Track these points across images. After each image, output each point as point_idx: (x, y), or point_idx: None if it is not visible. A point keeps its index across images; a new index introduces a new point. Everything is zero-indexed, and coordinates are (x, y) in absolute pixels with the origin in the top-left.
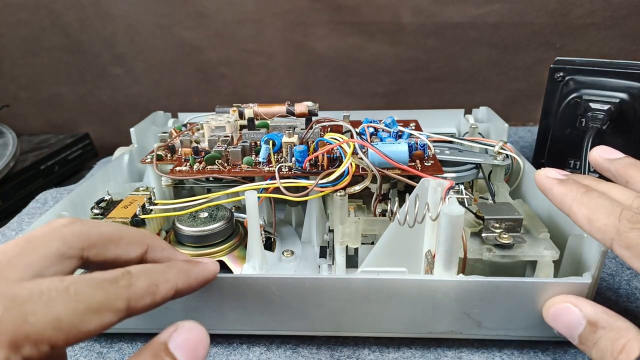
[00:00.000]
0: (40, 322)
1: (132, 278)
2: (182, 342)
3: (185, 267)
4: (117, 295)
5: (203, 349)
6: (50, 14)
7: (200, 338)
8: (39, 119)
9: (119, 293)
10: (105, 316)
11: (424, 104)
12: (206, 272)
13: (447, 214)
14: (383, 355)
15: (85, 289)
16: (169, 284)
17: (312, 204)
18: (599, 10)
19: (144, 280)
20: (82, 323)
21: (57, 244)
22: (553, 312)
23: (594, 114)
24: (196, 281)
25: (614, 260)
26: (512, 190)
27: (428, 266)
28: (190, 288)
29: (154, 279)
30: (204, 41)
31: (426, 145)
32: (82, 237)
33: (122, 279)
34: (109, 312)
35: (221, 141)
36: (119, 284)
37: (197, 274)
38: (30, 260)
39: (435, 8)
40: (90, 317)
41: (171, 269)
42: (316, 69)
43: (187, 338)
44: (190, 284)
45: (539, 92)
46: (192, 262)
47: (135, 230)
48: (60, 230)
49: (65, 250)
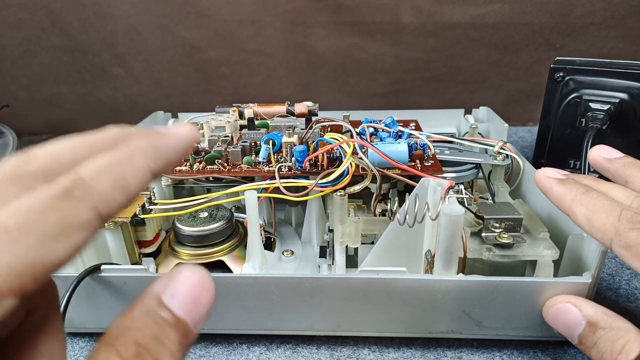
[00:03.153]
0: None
1: (88, 182)
2: (179, 292)
3: (152, 142)
4: (76, 208)
5: (207, 297)
6: (50, 14)
7: (201, 283)
8: (39, 119)
9: (77, 206)
10: (73, 236)
11: (424, 104)
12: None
13: (447, 213)
14: (383, 355)
15: (31, 217)
16: (139, 168)
17: (312, 203)
18: (599, 10)
19: (105, 178)
20: (45, 255)
21: (16, 191)
22: (553, 312)
23: (594, 114)
24: (171, 153)
25: (613, 260)
26: (512, 190)
27: (428, 266)
28: (167, 164)
29: (118, 171)
30: (204, 41)
31: (426, 145)
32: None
33: (74, 188)
34: (75, 231)
35: (221, 141)
36: (72, 195)
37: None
38: None
39: (435, 8)
40: (53, 245)
41: (134, 151)
42: (316, 69)
43: (185, 285)
44: (166, 159)
45: (539, 92)
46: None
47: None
48: (16, 173)
49: None
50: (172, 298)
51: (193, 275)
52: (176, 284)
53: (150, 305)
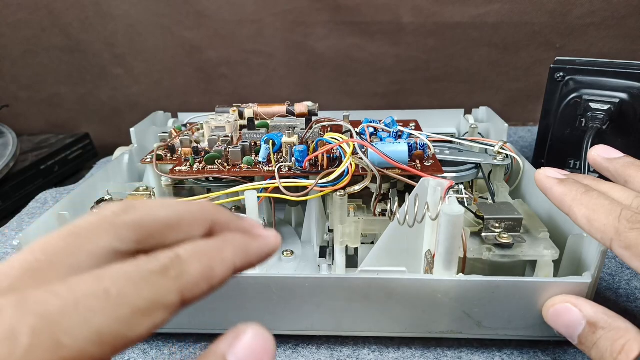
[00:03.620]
0: (79, 341)
1: (184, 264)
2: (243, 353)
3: (244, 242)
4: (168, 288)
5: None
6: (50, 14)
7: (265, 348)
8: (39, 119)
9: (169, 286)
10: (155, 316)
11: (424, 104)
12: (267, 247)
13: (447, 213)
14: (383, 355)
15: (129, 288)
16: (226, 264)
17: (312, 203)
18: (599, 10)
19: (197, 265)
20: (130, 330)
21: (107, 239)
22: (553, 312)
23: (594, 114)
24: (256, 258)
25: (613, 260)
26: (512, 190)
27: (428, 266)
28: (249, 265)
29: (209, 262)
30: (204, 41)
31: (426, 145)
32: (136, 229)
33: (172, 267)
34: (159, 311)
35: (221, 141)
36: (168, 274)
37: (257, 249)
38: (77, 261)
39: (435, 8)
40: (138, 321)
41: (227, 246)
42: (316, 69)
43: (249, 348)
44: (250, 261)
45: (539, 92)
46: (251, 236)
47: (196, 207)
48: (113, 221)
49: (118, 245)
50: (235, 356)
51: (258, 337)
52: (241, 345)
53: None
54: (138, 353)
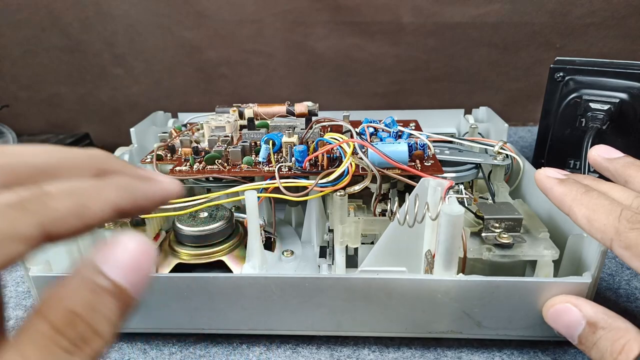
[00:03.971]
0: None
1: (48, 199)
2: (117, 258)
3: (130, 183)
4: (25, 221)
5: (147, 261)
6: (50, 14)
7: (141, 248)
8: (39, 119)
9: (26, 219)
10: (9, 247)
11: (424, 104)
12: (160, 190)
13: (447, 213)
14: (383, 355)
15: None
16: (104, 202)
17: (312, 203)
18: (599, 10)
19: (66, 201)
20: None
21: None
22: (553, 312)
23: (594, 114)
24: (145, 199)
25: (613, 260)
26: (512, 190)
27: (428, 266)
28: (138, 207)
29: (81, 199)
30: (204, 41)
31: (426, 145)
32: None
33: (33, 201)
34: (13, 243)
35: (221, 141)
36: (27, 207)
37: (145, 190)
38: None
39: (435, 8)
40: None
41: (108, 186)
42: (316, 69)
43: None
44: (137, 203)
45: (539, 92)
46: (139, 177)
47: (82, 154)
48: None
49: None
50: (109, 265)
51: (132, 241)
52: (114, 251)
53: (86, 273)
54: (138, 353)
